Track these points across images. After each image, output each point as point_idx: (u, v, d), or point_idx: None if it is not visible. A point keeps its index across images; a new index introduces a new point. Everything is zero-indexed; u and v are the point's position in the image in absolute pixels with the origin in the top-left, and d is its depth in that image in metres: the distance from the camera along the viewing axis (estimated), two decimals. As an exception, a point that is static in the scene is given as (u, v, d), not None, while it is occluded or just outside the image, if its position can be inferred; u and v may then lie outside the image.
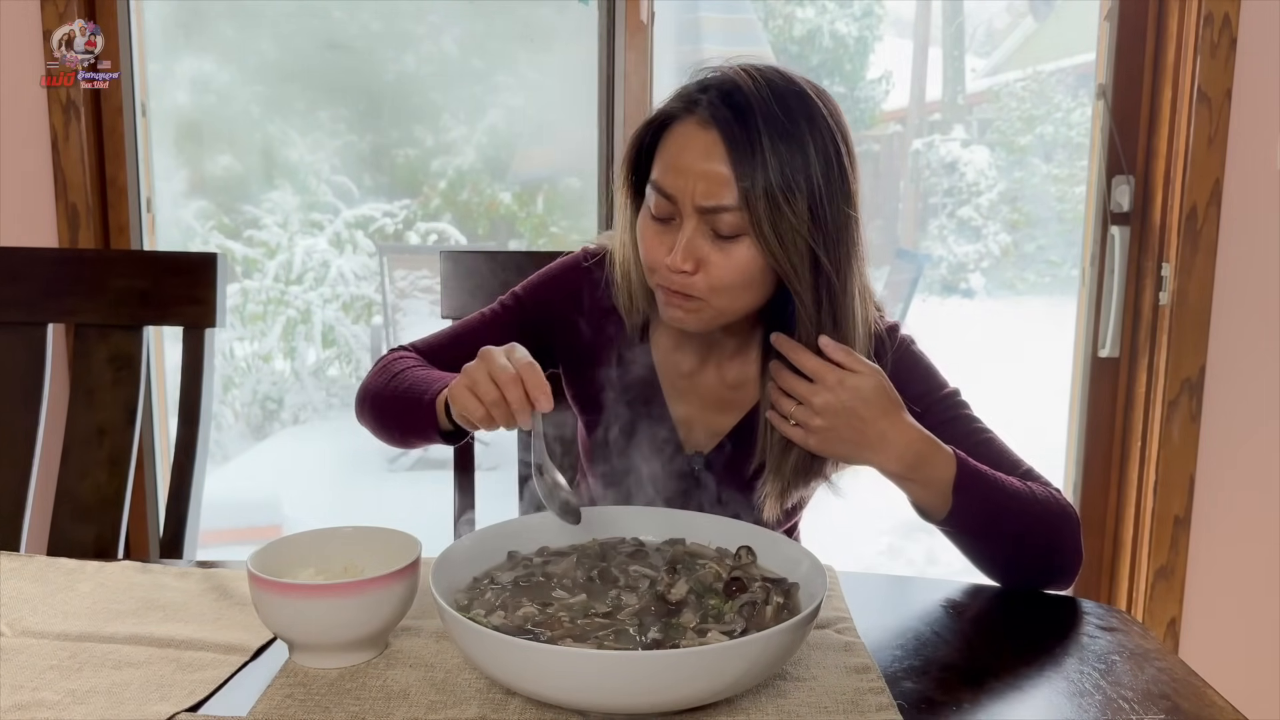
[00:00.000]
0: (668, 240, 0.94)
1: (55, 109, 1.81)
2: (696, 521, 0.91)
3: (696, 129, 0.92)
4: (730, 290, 0.94)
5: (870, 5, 5.48)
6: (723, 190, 0.90)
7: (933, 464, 0.92)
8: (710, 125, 0.91)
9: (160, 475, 1.98)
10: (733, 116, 0.90)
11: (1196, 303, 1.80)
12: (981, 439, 1.02)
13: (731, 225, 0.91)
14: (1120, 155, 1.87)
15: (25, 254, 1.28)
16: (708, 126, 0.91)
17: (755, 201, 0.89)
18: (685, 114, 0.94)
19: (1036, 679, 0.81)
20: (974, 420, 1.04)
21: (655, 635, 0.73)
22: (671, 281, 0.94)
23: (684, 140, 0.93)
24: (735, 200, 0.90)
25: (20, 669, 0.76)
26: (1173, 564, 1.86)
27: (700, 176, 0.91)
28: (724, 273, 0.93)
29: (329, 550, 0.84)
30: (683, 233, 0.92)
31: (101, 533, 1.20)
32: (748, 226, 0.91)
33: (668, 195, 0.93)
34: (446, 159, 4.42)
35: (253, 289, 4.32)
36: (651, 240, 0.96)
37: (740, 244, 0.92)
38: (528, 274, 1.16)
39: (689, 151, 0.92)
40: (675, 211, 0.93)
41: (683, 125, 0.94)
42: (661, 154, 0.95)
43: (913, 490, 0.95)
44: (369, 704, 0.71)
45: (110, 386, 1.23)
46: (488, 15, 4.09)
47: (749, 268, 0.93)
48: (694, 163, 0.91)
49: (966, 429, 1.02)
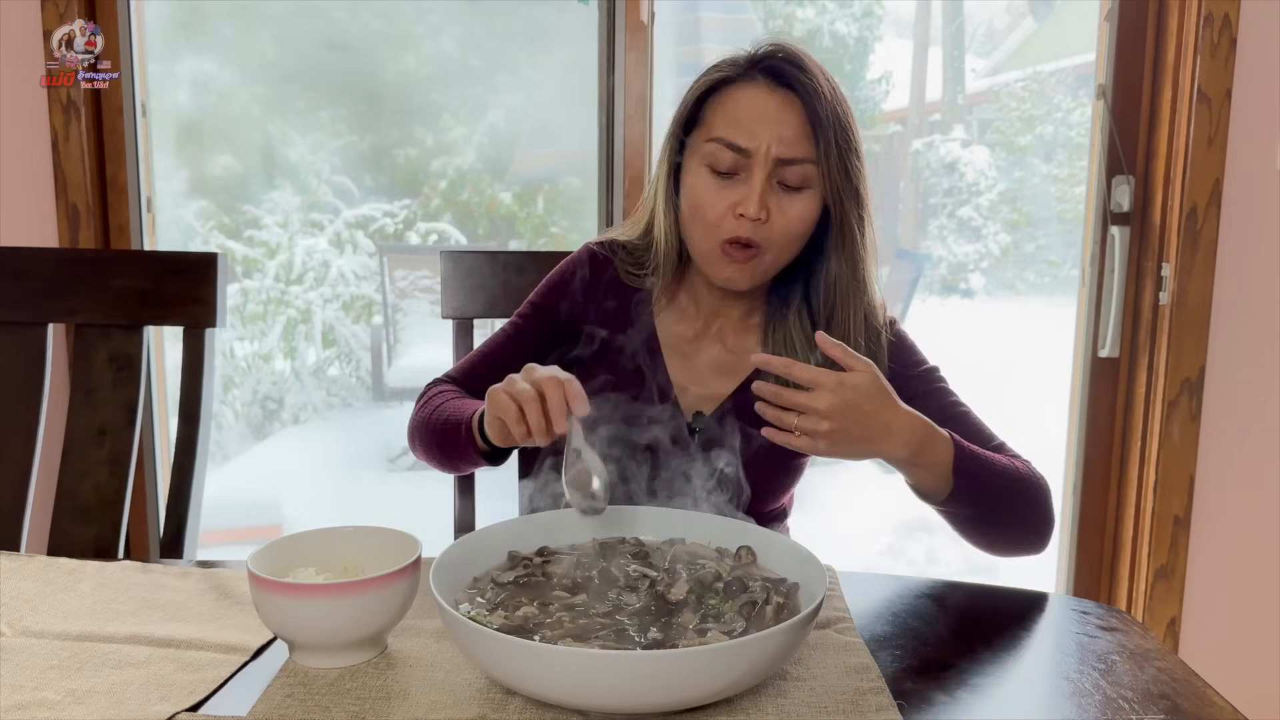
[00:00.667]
0: (732, 193, 1.01)
1: (55, 109, 1.81)
2: (696, 521, 0.91)
3: (765, 90, 1.00)
4: (790, 239, 1.02)
5: (870, 5, 5.48)
6: (800, 143, 0.99)
7: (934, 448, 0.95)
8: (780, 87, 1.00)
9: (160, 475, 1.98)
10: (803, 77, 0.99)
11: (1196, 303, 1.80)
12: (957, 412, 1.07)
13: (801, 177, 1.00)
14: (1120, 155, 1.87)
15: (25, 254, 1.28)
16: (776, 89, 1.00)
17: (829, 155, 0.99)
18: (745, 78, 1.02)
19: (1037, 679, 0.81)
20: (950, 394, 1.09)
21: (655, 635, 0.73)
22: (742, 231, 1.00)
23: (753, 99, 1.01)
24: (809, 153, 0.99)
25: (20, 669, 0.76)
26: (1172, 564, 1.86)
27: (779, 132, 0.99)
28: (790, 221, 1.01)
29: (329, 550, 0.84)
30: (754, 183, 0.99)
31: (102, 532, 1.20)
32: (815, 179, 1.00)
33: (740, 149, 1.00)
34: (446, 159, 4.42)
35: (253, 289, 4.32)
36: (713, 195, 1.01)
37: (804, 195, 1.01)
38: (528, 274, 1.21)
39: (763, 108, 1.00)
40: (743, 165, 1.00)
41: (745, 88, 1.01)
42: (723, 113, 1.02)
43: (916, 474, 0.96)
44: (369, 704, 0.71)
45: (110, 386, 1.23)
46: (488, 15, 4.09)
47: (809, 218, 1.02)
48: (770, 118, 0.99)
49: (943, 401, 1.07)
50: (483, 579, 0.82)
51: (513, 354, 1.14)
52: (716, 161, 1.01)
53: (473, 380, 1.14)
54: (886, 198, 6.39)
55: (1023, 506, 1.01)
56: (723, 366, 1.12)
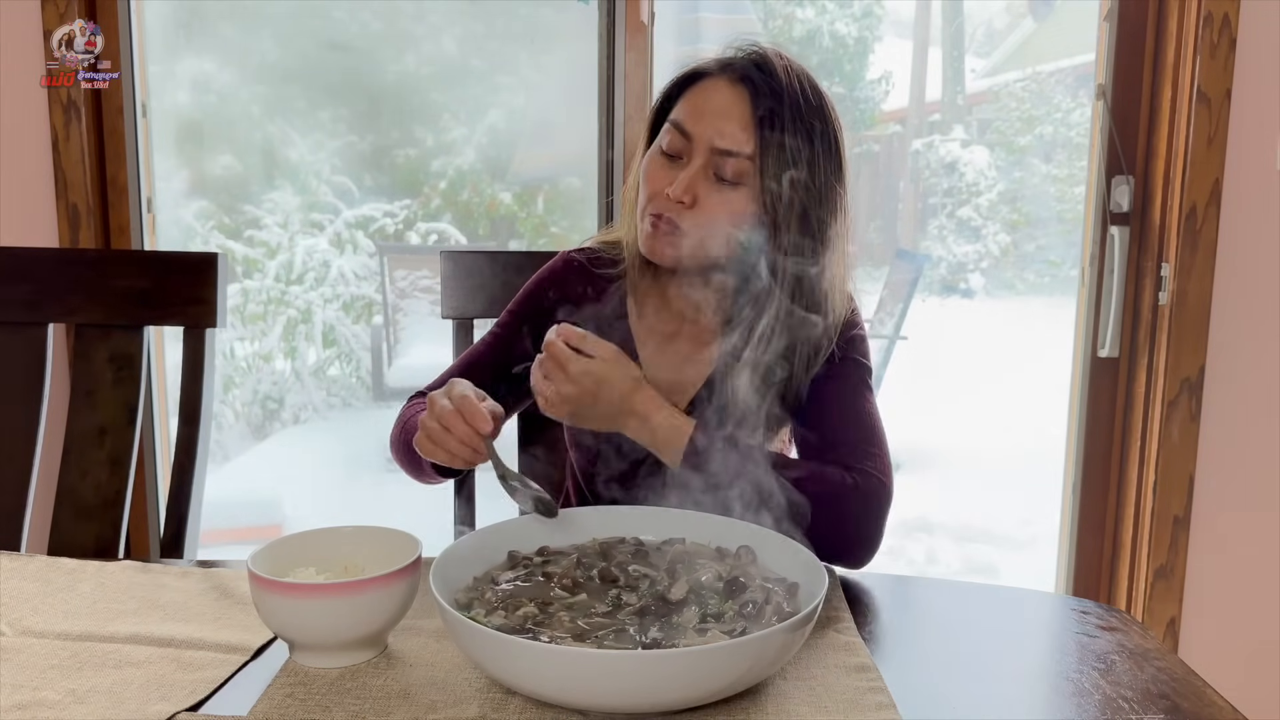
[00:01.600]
0: (671, 174, 1.03)
1: (55, 109, 1.81)
2: (696, 521, 0.91)
3: (726, 84, 1.03)
4: (713, 231, 1.03)
5: (870, 5, 5.49)
6: (740, 136, 1.00)
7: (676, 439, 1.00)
8: (739, 83, 1.02)
9: (161, 475, 1.98)
10: (762, 80, 1.01)
11: (1196, 303, 1.80)
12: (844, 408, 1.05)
13: (736, 171, 1.01)
14: (1120, 155, 1.88)
15: (25, 254, 1.28)
16: (736, 84, 1.02)
17: (766, 156, 1.00)
18: (717, 72, 1.04)
19: (1037, 679, 0.81)
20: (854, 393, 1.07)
21: (655, 635, 0.73)
22: (667, 209, 1.03)
23: (712, 90, 1.03)
24: (747, 149, 1.00)
25: (21, 668, 0.76)
26: (1172, 564, 1.86)
27: (722, 122, 1.01)
28: (714, 211, 1.02)
29: (329, 550, 0.84)
30: (690, 168, 1.02)
31: (102, 532, 1.20)
32: (751, 176, 1.01)
33: (685, 132, 1.03)
34: (446, 159, 4.42)
35: (253, 289, 4.32)
36: (657, 172, 1.05)
37: (737, 191, 1.02)
38: (528, 274, 1.20)
39: (716, 99, 1.02)
40: (687, 149, 1.03)
41: (713, 80, 1.04)
42: (687, 99, 1.05)
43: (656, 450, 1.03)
44: (369, 704, 0.71)
45: (111, 386, 1.23)
46: (488, 15, 4.09)
47: (738, 213, 1.02)
48: (719, 109, 1.02)
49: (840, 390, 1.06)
50: (483, 579, 0.83)
51: (493, 362, 1.16)
52: (667, 143, 1.04)
53: None
54: (886, 198, 6.39)
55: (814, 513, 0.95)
56: (695, 360, 1.14)
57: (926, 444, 4.39)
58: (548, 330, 1.06)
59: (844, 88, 5.73)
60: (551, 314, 1.15)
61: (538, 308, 1.17)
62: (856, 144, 6.11)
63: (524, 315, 1.18)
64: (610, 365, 0.99)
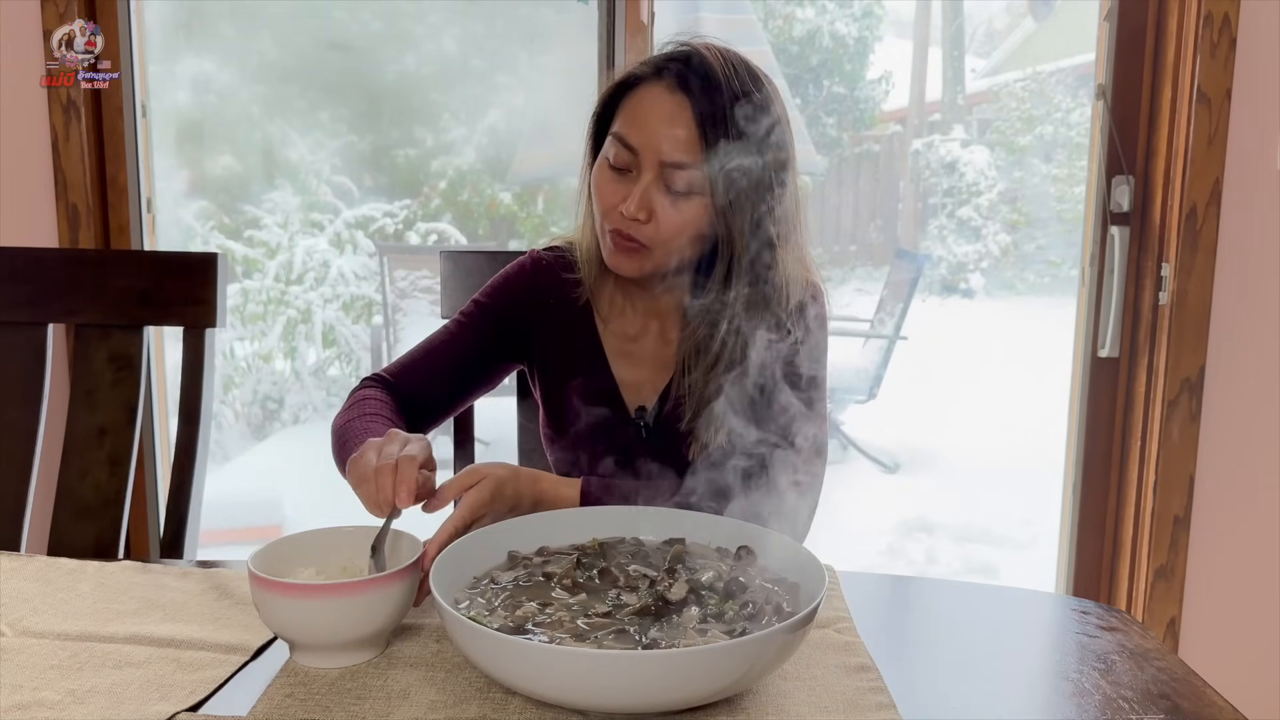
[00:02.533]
0: (622, 188, 1.03)
1: (55, 109, 1.81)
2: (696, 521, 0.91)
3: (665, 92, 1.01)
4: (674, 242, 1.03)
5: (870, 5, 5.49)
6: (687, 149, 1.00)
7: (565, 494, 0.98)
8: (679, 90, 1.00)
9: (160, 475, 1.98)
10: (701, 85, 1.00)
11: (1196, 303, 1.80)
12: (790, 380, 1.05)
13: (687, 182, 1.00)
14: (1120, 155, 1.88)
15: (25, 254, 1.28)
16: (675, 91, 1.01)
17: (714, 163, 0.99)
18: (654, 78, 1.03)
19: (1037, 679, 0.81)
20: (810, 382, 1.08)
21: (655, 635, 0.73)
22: (624, 226, 1.02)
23: (652, 100, 1.02)
24: (696, 159, 1.00)
25: (21, 669, 0.76)
26: (1172, 564, 1.86)
27: (667, 134, 1.00)
28: (672, 225, 1.02)
29: (329, 550, 0.84)
30: (640, 183, 1.01)
31: (102, 533, 1.20)
32: (702, 185, 1.00)
33: (631, 147, 1.02)
34: (446, 159, 4.42)
35: (253, 289, 4.32)
36: (607, 187, 1.04)
37: (691, 200, 1.01)
38: None
39: (658, 110, 1.01)
40: (635, 163, 1.02)
41: (650, 87, 1.03)
42: (626, 110, 1.04)
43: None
44: (369, 704, 0.71)
45: (110, 386, 1.23)
46: (488, 15, 4.09)
47: (695, 223, 1.02)
48: (662, 121, 1.00)
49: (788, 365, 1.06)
50: (482, 579, 0.82)
51: (452, 353, 1.15)
52: (614, 156, 1.03)
53: (409, 378, 1.14)
54: (886, 198, 6.39)
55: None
56: (661, 359, 1.14)
57: (926, 444, 4.39)
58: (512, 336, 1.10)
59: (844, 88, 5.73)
60: (520, 310, 1.15)
61: (506, 303, 1.17)
62: (856, 144, 6.11)
63: (490, 309, 1.17)
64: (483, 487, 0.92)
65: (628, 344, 1.15)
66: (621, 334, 1.15)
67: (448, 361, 1.15)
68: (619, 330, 1.16)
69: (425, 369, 1.15)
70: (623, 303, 1.15)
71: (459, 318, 1.18)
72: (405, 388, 1.13)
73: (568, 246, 1.19)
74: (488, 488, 0.92)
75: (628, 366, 1.15)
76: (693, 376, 1.08)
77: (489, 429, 1.12)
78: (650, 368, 1.14)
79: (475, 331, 1.16)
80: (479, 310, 1.17)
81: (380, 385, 1.13)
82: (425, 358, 1.16)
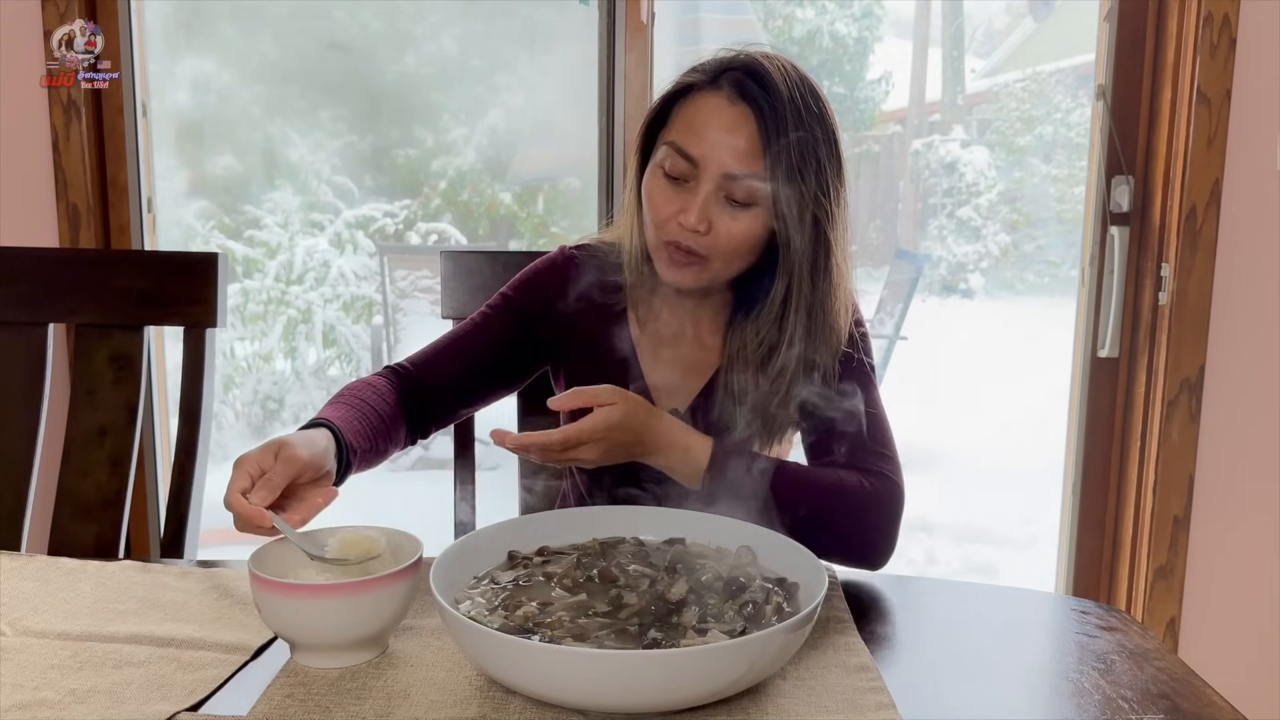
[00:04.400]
0: (679, 199, 1.01)
1: (56, 109, 1.81)
2: (696, 521, 0.91)
3: (725, 102, 0.99)
4: (734, 253, 1.02)
5: (870, 5, 5.49)
6: (749, 160, 0.98)
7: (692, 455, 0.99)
8: (740, 100, 0.99)
9: (161, 475, 1.98)
10: (762, 94, 0.98)
11: (1196, 303, 1.80)
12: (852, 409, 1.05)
13: (748, 193, 0.99)
14: (1120, 155, 1.88)
15: (25, 254, 1.28)
16: (736, 102, 0.99)
17: (777, 173, 0.98)
18: (710, 86, 1.01)
19: (1037, 679, 0.81)
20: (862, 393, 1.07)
21: (655, 635, 0.73)
22: (683, 238, 1.00)
23: (712, 110, 1.00)
24: (758, 170, 0.98)
25: (21, 668, 0.76)
26: (1172, 564, 1.86)
27: (729, 145, 0.98)
28: (733, 236, 1.00)
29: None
30: (699, 194, 0.99)
31: (102, 532, 1.20)
32: (764, 196, 0.99)
33: (690, 157, 0.99)
34: (446, 159, 4.42)
35: (253, 289, 4.32)
36: (662, 197, 1.02)
37: (750, 211, 1.00)
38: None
39: (718, 121, 0.99)
40: (693, 174, 1.00)
41: (708, 96, 1.01)
42: (683, 119, 1.02)
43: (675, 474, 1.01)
44: (369, 704, 0.71)
45: (111, 386, 1.23)
46: (488, 15, 4.10)
47: (755, 234, 1.01)
48: (724, 132, 0.98)
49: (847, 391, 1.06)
50: (483, 579, 0.83)
51: (476, 346, 1.14)
52: (669, 166, 1.01)
53: (433, 369, 1.13)
54: (886, 198, 6.38)
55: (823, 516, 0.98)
56: (695, 364, 1.13)
57: (926, 444, 4.39)
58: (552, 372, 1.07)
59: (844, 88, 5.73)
60: (548, 304, 1.14)
61: (535, 297, 1.15)
62: (856, 144, 6.11)
63: (518, 302, 1.15)
64: (622, 409, 0.96)
65: (663, 347, 1.13)
66: (657, 337, 1.14)
67: (471, 354, 1.13)
68: (655, 333, 1.14)
69: (448, 360, 1.13)
70: (659, 306, 1.13)
71: (485, 310, 1.16)
72: (425, 379, 1.11)
73: (602, 247, 1.16)
74: (619, 412, 0.95)
75: (661, 370, 1.13)
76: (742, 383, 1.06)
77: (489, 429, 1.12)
78: (684, 371, 1.13)
79: (501, 324, 1.14)
80: (505, 303, 1.15)
81: (389, 374, 1.12)
82: (449, 349, 1.14)
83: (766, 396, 1.05)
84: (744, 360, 1.07)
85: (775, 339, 1.05)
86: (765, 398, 1.05)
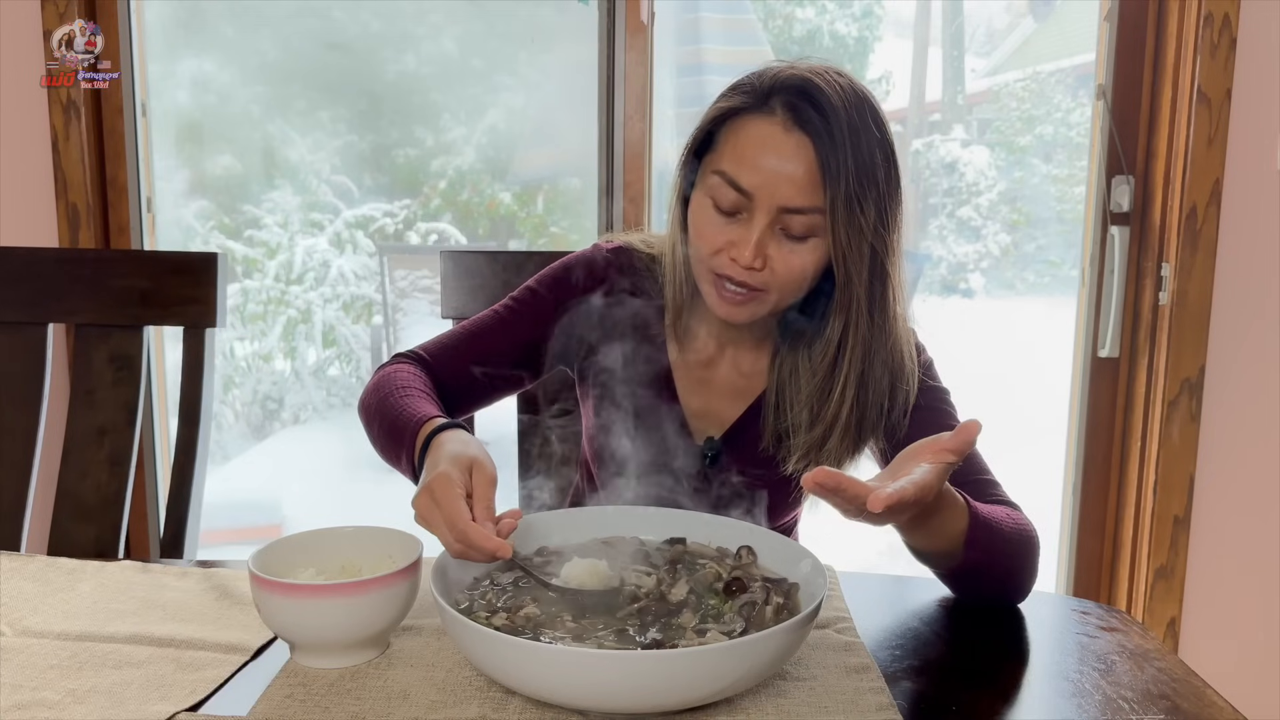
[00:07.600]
0: (730, 231, 0.95)
1: (55, 109, 1.81)
2: (696, 521, 0.91)
3: (780, 130, 0.92)
4: (791, 288, 0.96)
5: (870, 5, 5.48)
6: (809, 194, 0.91)
7: (947, 516, 0.86)
8: (795, 127, 0.92)
9: (160, 475, 1.98)
10: (820, 122, 0.91)
11: (1196, 303, 1.80)
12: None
13: (806, 227, 0.93)
14: (1120, 155, 1.87)
15: (25, 254, 1.28)
16: (791, 129, 0.92)
17: (837, 207, 0.91)
18: (761, 110, 0.94)
19: (1036, 679, 0.81)
20: (955, 420, 1.03)
21: (655, 635, 0.73)
22: (735, 273, 0.94)
23: (765, 137, 0.93)
24: (819, 204, 0.91)
25: (21, 669, 0.76)
26: (1172, 564, 1.86)
27: (787, 178, 0.91)
28: (790, 271, 0.95)
29: (329, 550, 0.84)
30: (754, 228, 0.93)
31: (102, 532, 1.20)
32: (823, 229, 0.93)
33: (744, 190, 0.93)
34: (446, 159, 4.42)
35: (253, 289, 4.32)
36: (713, 229, 0.96)
37: (808, 244, 0.94)
38: (528, 274, 1.15)
39: (773, 151, 0.92)
40: (746, 206, 0.94)
41: (760, 121, 0.93)
42: (732, 145, 0.95)
43: (920, 538, 0.89)
44: (369, 704, 0.71)
45: (110, 386, 1.23)
46: (488, 15, 4.09)
47: (813, 267, 0.95)
48: (781, 164, 0.92)
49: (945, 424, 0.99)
50: (483, 579, 0.82)
51: (498, 341, 1.08)
52: (719, 196, 0.95)
53: (445, 360, 1.07)
54: (886, 198, 6.36)
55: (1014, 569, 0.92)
56: (734, 390, 1.08)
57: (926, 444, 4.37)
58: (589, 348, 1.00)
59: (844, 88, 5.72)
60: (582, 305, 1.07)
61: (569, 297, 1.07)
62: (856, 144, 6.12)
63: (548, 301, 1.08)
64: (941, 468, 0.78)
65: (701, 370, 1.09)
66: (695, 358, 1.09)
67: (492, 349, 1.07)
68: (694, 354, 1.09)
69: (466, 353, 1.07)
70: (696, 326, 1.08)
71: (509, 303, 1.09)
72: (438, 370, 1.06)
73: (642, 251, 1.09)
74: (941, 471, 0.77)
75: (698, 394, 1.08)
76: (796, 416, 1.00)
77: (489, 429, 1.12)
78: (721, 397, 1.08)
79: (529, 321, 1.08)
80: (535, 300, 1.08)
81: (415, 361, 1.06)
82: (467, 341, 1.08)
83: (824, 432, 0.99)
84: (795, 390, 1.02)
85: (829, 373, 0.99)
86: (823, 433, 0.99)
